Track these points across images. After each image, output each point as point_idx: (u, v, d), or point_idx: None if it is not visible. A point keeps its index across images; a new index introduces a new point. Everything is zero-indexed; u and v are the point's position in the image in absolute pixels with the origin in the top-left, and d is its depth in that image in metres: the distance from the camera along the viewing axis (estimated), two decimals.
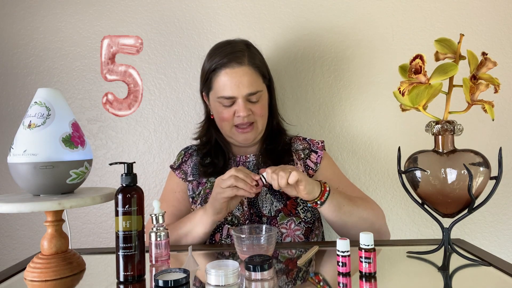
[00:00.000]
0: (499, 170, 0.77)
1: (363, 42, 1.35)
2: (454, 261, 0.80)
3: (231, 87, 1.05)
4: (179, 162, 1.19)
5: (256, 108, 1.09)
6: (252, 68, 1.07)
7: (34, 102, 0.79)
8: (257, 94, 1.07)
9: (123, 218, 0.71)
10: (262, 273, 0.68)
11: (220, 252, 0.94)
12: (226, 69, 1.06)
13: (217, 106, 1.09)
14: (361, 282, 0.69)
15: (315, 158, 1.15)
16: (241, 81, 1.05)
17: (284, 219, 1.04)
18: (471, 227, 1.36)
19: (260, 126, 1.11)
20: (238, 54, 1.07)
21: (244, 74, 1.06)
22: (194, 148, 1.22)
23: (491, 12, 1.34)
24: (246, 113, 1.06)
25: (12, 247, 1.38)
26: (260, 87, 1.09)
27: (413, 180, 0.83)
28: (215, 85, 1.08)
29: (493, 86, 0.79)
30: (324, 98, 1.36)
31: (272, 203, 1.06)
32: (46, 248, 0.77)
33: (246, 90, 1.05)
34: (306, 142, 1.19)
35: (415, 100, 0.81)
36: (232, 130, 1.10)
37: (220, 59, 1.07)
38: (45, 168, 0.74)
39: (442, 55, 0.85)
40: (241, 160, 1.16)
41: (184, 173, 1.17)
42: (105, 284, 0.74)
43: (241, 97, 1.05)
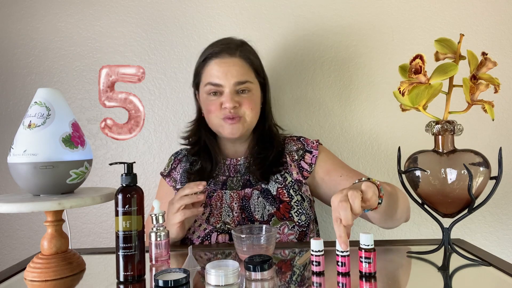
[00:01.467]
0: (499, 170, 0.77)
1: (363, 42, 1.35)
2: (454, 261, 0.80)
3: (219, 76, 1.03)
4: (169, 168, 1.17)
5: (245, 100, 1.05)
6: (244, 60, 1.05)
7: (34, 102, 0.79)
8: (246, 84, 1.04)
9: (123, 218, 0.71)
10: (262, 273, 0.68)
11: (220, 252, 0.94)
12: (216, 59, 1.04)
13: (205, 98, 1.07)
14: (361, 282, 0.69)
15: (310, 158, 1.11)
16: (229, 70, 1.02)
17: (277, 223, 1.01)
18: (471, 227, 1.36)
19: (249, 119, 1.07)
20: (230, 46, 1.06)
21: (234, 64, 1.04)
22: (184, 153, 1.19)
23: (491, 12, 1.34)
24: (232, 104, 1.02)
25: (12, 247, 1.38)
26: (250, 79, 1.06)
27: (413, 180, 0.83)
28: (204, 73, 1.06)
29: (493, 86, 0.79)
30: (324, 98, 1.36)
31: (264, 207, 1.03)
32: (46, 248, 0.77)
33: (234, 79, 1.02)
34: (300, 142, 1.15)
35: (415, 100, 0.81)
36: (220, 122, 1.06)
37: (212, 50, 1.06)
38: (45, 168, 0.74)
39: (442, 55, 0.85)
40: (232, 163, 1.13)
41: (174, 181, 1.14)
42: (105, 284, 0.74)
43: (229, 86, 1.02)
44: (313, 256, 0.72)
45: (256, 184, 1.08)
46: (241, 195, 1.06)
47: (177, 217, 0.91)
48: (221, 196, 1.07)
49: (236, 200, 1.05)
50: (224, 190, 1.08)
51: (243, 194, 1.06)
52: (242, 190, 1.07)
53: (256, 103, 1.09)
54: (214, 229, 1.02)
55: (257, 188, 1.07)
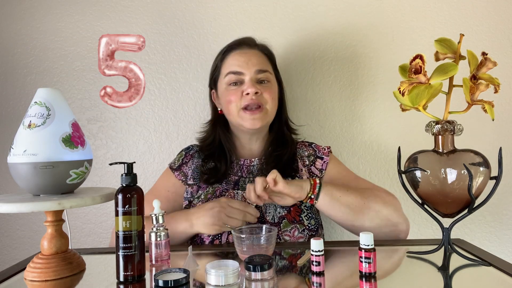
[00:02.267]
0: (499, 170, 0.77)
1: (363, 42, 1.35)
2: (454, 261, 0.80)
3: (240, 64, 1.05)
4: (179, 163, 1.16)
5: (265, 89, 1.06)
6: (263, 53, 1.09)
7: (34, 102, 0.79)
8: (266, 74, 1.07)
9: (123, 218, 0.71)
10: (262, 273, 0.68)
11: (220, 252, 0.94)
12: (236, 51, 1.08)
13: (224, 89, 1.08)
14: (361, 282, 0.69)
15: (321, 164, 1.13)
16: (250, 59, 1.06)
17: (287, 226, 1.02)
18: (471, 227, 1.36)
19: (269, 108, 1.07)
20: (249, 41, 1.12)
21: (254, 54, 1.08)
22: (195, 149, 1.19)
23: (491, 12, 1.34)
24: (254, 89, 1.02)
25: (12, 247, 1.38)
26: (270, 70, 1.10)
27: (413, 180, 0.83)
28: (224, 66, 1.09)
29: (493, 86, 0.79)
30: (324, 98, 1.36)
31: (275, 209, 1.04)
32: (46, 248, 0.77)
33: (255, 67, 1.05)
34: (311, 148, 1.16)
35: (415, 100, 0.81)
36: (240, 114, 1.06)
37: (231, 44, 1.10)
38: (45, 168, 0.74)
39: (442, 55, 0.85)
40: (245, 164, 1.13)
41: (184, 175, 1.14)
42: (105, 284, 0.74)
43: (250, 74, 1.05)
44: (313, 256, 0.72)
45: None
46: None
47: (234, 222, 0.93)
48: (233, 196, 1.07)
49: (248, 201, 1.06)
50: (236, 190, 1.08)
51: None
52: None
53: (275, 94, 1.11)
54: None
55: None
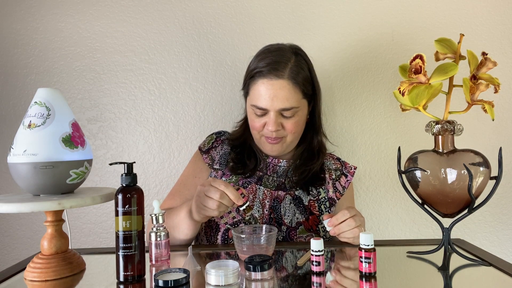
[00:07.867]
0: (499, 170, 0.77)
1: (363, 42, 1.35)
2: (454, 261, 0.80)
3: (265, 99, 0.99)
4: (209, 146, 1.14)
5: (288, 124, 1.02)
6: (292, 82, 0.99)
7: (34, 102, 0.79)
8: (292, 110, 1.01)
9: (123, 218, 0.71)
10: (262, 273, 0.68)
11: (220, 252, 0.94)
12: (264, 79, 1.00)
13: (250, 112, 1.06)
14: (361, 282, 0.69)
15: (344, 182, 1.14)
16: (276, 94, 0.99)
17: (303, 232, 1.03)
18: (471, 227, 1.36)
19: (289, 140, 1.05)
20: (280, 65, 1.00)
21: (281, 87, 0.99)
22: (226, 136, 1.17)
23: (491, 12, 1.34)
24: (275, 127, 1.01)
25: (12, 247, 1.38)
26: (297, 104, 1.01)
27: (413, 180, 0.83)
28: (251, 91, 1.04)
29: (493, 86, 0.80)
30: (324, 98, 1.36)
31: (294, 214, 1.05)
32: (46, 248, 0.77)
33: (279, 105, 0.99)
34: (339, 163, 1.17)
35: (415, 100, 0.81)
36: (261, 139, 1.06)
37: (262, 66, 1.01)
38: (45, 168, 0.74)
39: (442, 55, 0.86)
40: (273, 162, 1.12)
41: (211, 159, 1.12)
42: (105, 284, 0.74)
43: (274, 110, 1.00)
44: (313, 256, 0.72)
45: (290, 189, 1.09)
46: (274, 195, 1.07)
47: (210, 211, 0.87)
48: (255, 190, 1.07)
49: (269, 199, 1.06)
50: (258, 186, 1.08)
51: (276, 195, 1.07)
52: (275, 191, 1.08)
53: (299, 125, 1.06)
54: (243, 220, 1.03)
55: (290, 194, 1.08)
